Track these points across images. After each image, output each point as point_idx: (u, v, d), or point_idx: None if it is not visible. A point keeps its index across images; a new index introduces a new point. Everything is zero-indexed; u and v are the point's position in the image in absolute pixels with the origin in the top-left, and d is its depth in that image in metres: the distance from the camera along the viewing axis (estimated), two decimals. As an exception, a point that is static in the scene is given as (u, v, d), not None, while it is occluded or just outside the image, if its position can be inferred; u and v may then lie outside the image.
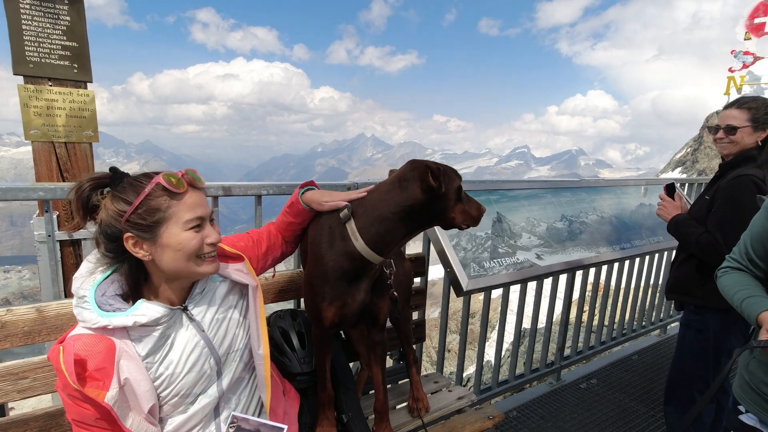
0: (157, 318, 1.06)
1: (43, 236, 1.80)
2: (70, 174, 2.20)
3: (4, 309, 1.25)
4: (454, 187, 1.36)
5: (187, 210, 1.05)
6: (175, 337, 1.12)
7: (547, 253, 2.36)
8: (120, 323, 1.02)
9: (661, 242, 3.07)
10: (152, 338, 1.08)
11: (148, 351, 1.07)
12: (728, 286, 1.48)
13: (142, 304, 1.06)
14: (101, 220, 1.03)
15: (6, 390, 1.24)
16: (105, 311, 1.03)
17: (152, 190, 1.03)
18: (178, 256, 1.06)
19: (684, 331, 2.10)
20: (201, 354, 1.15)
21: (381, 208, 1.31)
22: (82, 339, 1.01)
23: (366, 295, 1.41)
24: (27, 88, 2.03)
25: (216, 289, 1.23)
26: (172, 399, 1.11)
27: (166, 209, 1.04)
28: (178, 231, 1.05)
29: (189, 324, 1.14)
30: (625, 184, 3.29)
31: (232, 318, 1.23)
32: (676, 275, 2.12)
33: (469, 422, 1.81)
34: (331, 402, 1.53)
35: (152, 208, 1.03)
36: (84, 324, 1.03)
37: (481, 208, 1.46)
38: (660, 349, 3.83)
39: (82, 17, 2.08)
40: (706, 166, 17.40)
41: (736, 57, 8.01)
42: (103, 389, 0.97)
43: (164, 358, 1.10)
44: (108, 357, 1.00)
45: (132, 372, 1.03)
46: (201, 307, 1.17)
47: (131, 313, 1.04)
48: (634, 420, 2.80)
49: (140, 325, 1.04)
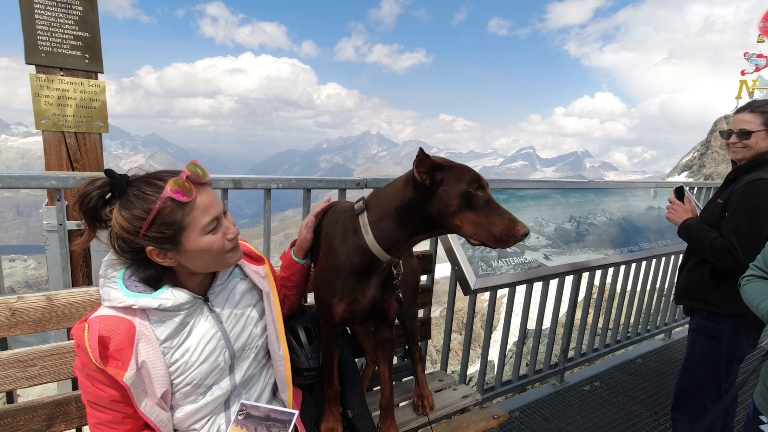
0: (181, 303, 1.07)
1: (53, 225, 1.81)
2: (80, 164, 2.21)
3: (14, 296, 1.26)
4: (458, 190, 1.20)
5: (202, 214, 1.04)
6: (194, 325, 1.13)
7: (554, 253, 2.35)
8: (145, 304, 1.03)
9: (669, 245, 3.05)
10: (172, 323, 1.09)
11: (166, 336, 1.08)
12: (752, 294, 1.47)
13: (167, 288, 1.07)
14: (116, 234, 1.02)
15: (15, 377, 1.24)
16: (131, 291, 1.05)
17: (171, 202, 1.01)
18: (206, 258, 1.07)
19: (695, 337, 2.06)
20: (217, 346, 1.16)
21: (387, 203, 1.28)
22: (105, 319, 1.02)
23: (376, 292, 1.39)
24: (39, 77, 2.03)
25: (236, 284, 1.24)
26: (184, 387, 1.12)
27: (181, 219, 1.02)
28: (198, 237, 1.04)
29: (209, 314, 1.16)
30: (634, 187, 3.27)
31: (249, 315, 1.25)
32: (687, 280, 2.09)
33: (474, 421, 1.80)
34: (337, 398, 1.52)
35: (167, 221, 1.01)
36: (109, 303, 1.04)
37: (514, 228, 1.17)
38: (664, 354, 3.81)
39: (94, 7, 2.08)
40: (713, 170, 17.28)
41: (749, 60, 7.93)
42: (122, 369, 0.99)
43: (181, 344, 1.11)
44: (128, 338, 1.02)
45: (149, 355, 1.05)
46: (221, 299, 1.19)
47: (157, 296, 1.05)
48: (638, 424, 2.79)
49: (163, 308, 1.06)
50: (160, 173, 1.06)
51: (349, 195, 2.02)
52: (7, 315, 1.24)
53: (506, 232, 1.17)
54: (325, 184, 2.03)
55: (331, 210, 1.47)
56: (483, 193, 1.21)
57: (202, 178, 1.05)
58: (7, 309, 1.24)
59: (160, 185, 1.01)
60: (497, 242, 1.19)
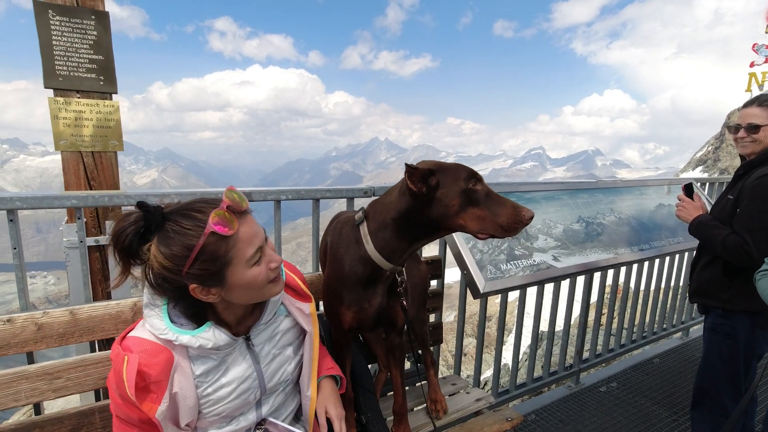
0: (220, 345, 1.05)
1: (74, 242, 1.88)
2: (97, 182, 2.29)
3: (40, 312, 1.32)
4: (456, 189, 1.20)
5: (246, 245, 0.99)
6: (232, 364, 1.12)
7: (564, 254, 2.35)
8: (185, 342, 1.01)
9: (682, 243, 3.02)
10: (210, 360, 1.08)
11: (202, 371, 1.07)
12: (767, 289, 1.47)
13: (209, 327, 1.04)
14: (156, 272, 0.97)
15: (42, 389, 1.29)
16: (174, 324, 1.02)
17: (215, 237, 0.95)
18: (251, 291, 1.03)
19: (711, 335, 2.04)
20: (251, 386, 1.15)
21: (384, 213, 1.30)
22: (145, 345, 1.00)
23: (382, 300, 1.41)
24: (57, 100, 2.11)
25: (280, 323, 1.22)
26: (210, 417, 1.13)
27: (225, 254, 0.97)
28: (243, 270, 0.99)
29: (247, 354, 1.14)
30: (644, 185, 3.25)
31: (286, 354, 1.23)
32: (700, 279, 2.07)
33: (488, 424, 1.81)
34: (351, 403, 1.55)
35: (211, 257, 0.96)
36: (151, 329, 1.02)
37: (519, 215, 1.18)
38: (682, 353, 3.75)
39: (107, 31, 2.17)
40: (729, 164, 16.96)
41: (758, 51, 7.80)
42: (156, 403, 0.98)
43: (216, 380, 1.10)
44: (165, 370, 1.00)
45: (182, 387, 1.04)
46: (262, 337, 1.17)
47: (198, 334, 1.02)
48: (657, 424, 2.76)
49: (204, 348, 1.04)
50: (198, 204, 0.99)
51: (357, 203, 2.06)
52: (34, 330, 1.29)
53: (512, 220, 1.18)
54: (334, 193, 2.07)
55: (336, 221, 1.50)
56: (482, 187, 1.22)
57: (242, 205, 0.99)
58: (34, 324, 1.29)
59: (201, 218, 0.95)
60: (505, 231, 1.19)
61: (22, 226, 1.62)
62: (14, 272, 1.64)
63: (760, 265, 1.57)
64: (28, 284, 1.77)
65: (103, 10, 2.16)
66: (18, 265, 1.62)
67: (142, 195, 1.74)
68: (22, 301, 1.61)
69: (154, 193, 1.77)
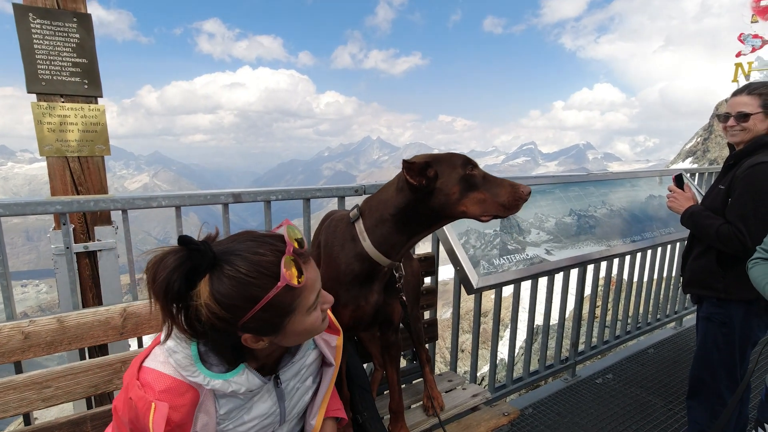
0: (252, 390, 0.99)
1: (61, 249, 1.85)
2: (84, 187, 2.25)
3: (26, 320, 1.29)
4: (455, 177, 1.22)
5: (310, 293, 0.92)
6: (257, 402, 1.05)
7: (556, 248, 2.35)
8: (218, 387, 0.92)
9: (673, 233, 3.04)
10: (237, 401, 1.01)
11: (227, 411, 1.00)
12: (759, 277, 1.48)
13: (243, 371, 0.96)
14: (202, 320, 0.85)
15: (31, 399, 1.27)
16: (203, 363, 0.93)
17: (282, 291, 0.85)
18: (305, 336, 0.98)
19: (706, 324, 2.05)
20: (272, 422, 1.10)
21: (381, 210, 1.30)
22: (168, 383, 0.90)
23: (379, 297, 1.41)
24: (40, 105, 2.08)
25: (308, 356, 1.14)
26: None
27: (290, 304, 0.89)
28: (303, 318, 0.92)
29: (273, 392, 1.07)
30: (635, 176, 3.27)
31: (306, 385, 1.17)
32: (693, 268, 2.08)
33: (485, 419, 1.81)
34: (347, 403, 1.54)
35: (276, 309, 0.87)
36: (177, 367, 0.91)
37: (517, 191, 1.22)
38: (676, 342, 3.79)
39: (90, 34, 2.13)
40: (718, 155, 17.14)
41: (745, 41, 7.87)
42: None
43: (239, 418, 1.03)
44: (190, 412, 0.92)
45: (204, 425, 0.97)
46: (290, 373, 1.10)
47: (230, 379, 0.94)
48: (653, 414, 2.78)
49: (236, 394, 0.97)
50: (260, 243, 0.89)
51: (348, 202, 2.04)
52: (21, 339, 1.27)
53: (512, 197, 1.23)
54: (324, 192, 2.06)
55: (329, 219, 1.49)
56: (478, 171, 1.26)
57: (304, 247, 0.92)
58: (20, 333, 1.27)
59: (266, 266, 0.85)
60: (507, 209, 1.24)
61: (12, 235, 1.60)
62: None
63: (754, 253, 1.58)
64: (21, 293, 1.73)
65: (85, 12, 2.12)
66: (2, 273, 1.59)
67: (129, 199, 1.72)
68: (8, 310, 1.58)
69: (142, 196, 1.74)
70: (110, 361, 1.37)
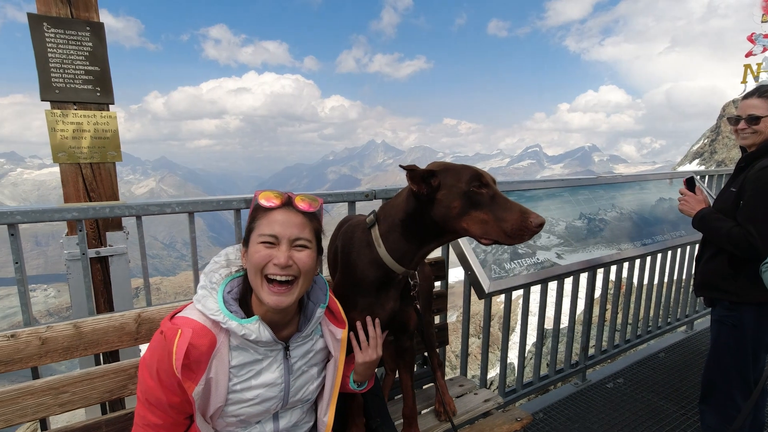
0: (261, 341, 1.10)
1: (76, 254, 1.86)
2: (96, 193, 2.27)
3: (44, 326, 1.30)
4: (457, 191, 1.16)
5: (266, 224, 1.09)
6: (266, 369, 1.15)
7: (567, 252, 2.34)
8: (233, 327, 1.06)
9: (684, 236, 3.02)
10: (248, 355, 1.12)
11: (237, 363, 1.11)
12: None
13: (257, 321, 1.09)
14: None
15: (48, 404, 1.28)
16: (227, 308, 1.08)
17: (255, 204, 1.12)
18: (250, 267, 1.09)
19: (718, 327, 2.04)
20: (276, 395, 1.18)
21: (393, 215, 1.30)
22: (193, 324, 1.06)
23: (395, 304, 1.39)
24: (54, 113, 2.11)
25: (316, 341, 1.25)
26: (229, 417, 1.15)
27: (254, 220, 1.11)
28: (254, 241, 1.09)
29: (282, 363, 1.17)
30: (644, 179, 3.25)
31: (311, 373, 1.25)
32: (705, 271, 2.07)
33: (497, 425, 1.80)
34: (361, 409, 1.54)
35: (251, 219, 1.12)
36: (202, 309, 1.08)
37: (526, 221, 1.10)
38: (688, 346, 3.75)
39: (103, 42, 2.16)
40: (725, 156, 17.01)
41: (756, 40, 7.80)
42: (194, 382, 1.03)
43: (247, 380, 1.13)
44: (207, 353, 1.05)
45: (218, 373, 1.08)
46: (299, 351, 1.20)
47: (245, 323, 1.08)
48: (665, 419, 2.75)
49: (245, 338, 1.08)
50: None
51: (359, 206, 2.05)
52: (38, 344, 1.28)
53: (518, 226, 1.10)
54: (335, 197, 2.06)
55: (347, 224, 1.49)
56: (487, 190, 1.16)
57: (297, 203, 1.12)
58: (38, 338, 1.28)
59: None
60: (510, 238, 1.12)
61: (21, 240, 1.61)
62: (16, 286, 1.63)
63: (766, 257, 1.57)
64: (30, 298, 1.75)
65: (97, 21, 2.15)
66: (20, 280, 1.61)
67: (143, 205, 1.73)
68: (25, 315, 1.59)
69: (156, 202, 1.76)
70: (124, 367, 1.38)
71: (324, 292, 1.25)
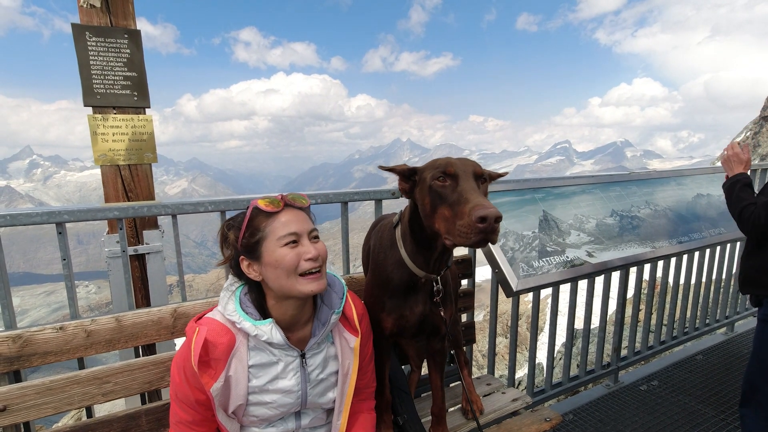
0: (273, 342, 1.14)
1: (116, 252, 1.96)
2: (134, 194, 2.38)
3: (88, 319, 1.38)
4: (424, 186, 1.07)
5: (281, 227, 1.12)
6: (283, 375, 1.20)
7: (598, 250, 2.29)
8: (246, 327, 1.13)
9: (724, 234, 2.88)
10: (265, 355, 1.17)
11: (255, 363, 1.16)
12: None
13: (270, 324, 1.14)
14: (230, 249, 1.18)
15: (93, 393, 1.36)
16: (242, 310, 1.15)
17: (252, 214, 1.14)
18: (278, 273, 1.11)
19: (762, 327, 1.95)
20: (293, 403, 1.22)
21: (405, 217, 1.30)
22: (214, 324, 1.14)
23: (425, 307, 1.36)
24: (95, 117, 2.21)
25: (328, 347, 1.28)
26: (250, 417, 1.20)
27: (263, 228, 1.12)
28: (274, 248, 1.10)
29: (299, 371, 1.21)
30: (680, 174, 3.13)
31: (329, 381, 1.28)
32: (747, 267, 1.99)
33: (525, 424, 1.78)
34: (389, 406, 1.55)
35: (254, 230, 1.13)
36: (222, 311, 1.16)
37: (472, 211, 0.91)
38: (727, 349, 3.58)
39: (140, 49, 2.25)
40: (770, 149, 16.09)
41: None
42: (213, 379, 1.09)
43: (265, 384, 1.18)
44: (226, 350, 1.12)
45: (237, 372, 1.14)
46: (316, 360, 1.24)
47: (258, 325, 1.13)
48: (702, 424, 2.64)
49: (258, 339, 1.14)
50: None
51: (385, 204, 2.06)
52: (84, 336, 1.36)
53: (465, 223, 0.93)
54: (362, 195, 2.08)
55: (379, 224, 1.50)
56: (451, 182, 1.03)
57: (295, 200, 1.17)
58: (83, 331, 1.36)
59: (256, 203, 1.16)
60: (461, 238, 0.95)
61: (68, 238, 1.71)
62: (64, 282, 1.73)
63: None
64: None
65: (135, 28, 2.24)
66: (67, 275, 1.71)
67: (178, 204, 1.81)
68: (72, 309, 1.69)
69: (190, 201, 1.83)
70: (162, 359, 1.45)
71: (340, 296, 1.26)
